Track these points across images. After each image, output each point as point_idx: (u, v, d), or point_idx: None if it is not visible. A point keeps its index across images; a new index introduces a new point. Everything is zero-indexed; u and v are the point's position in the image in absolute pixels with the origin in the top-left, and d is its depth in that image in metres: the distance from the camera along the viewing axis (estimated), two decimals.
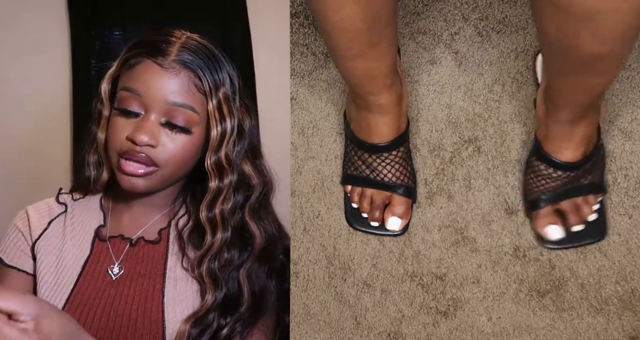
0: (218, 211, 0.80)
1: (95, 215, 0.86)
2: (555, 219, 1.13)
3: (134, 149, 0.77)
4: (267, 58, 1.58)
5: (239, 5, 1.56)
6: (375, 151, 1.14)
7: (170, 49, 0.78)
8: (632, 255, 1.16)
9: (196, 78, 0.78)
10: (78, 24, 1.53)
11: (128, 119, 0.78)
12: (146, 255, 0.82)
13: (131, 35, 1.54)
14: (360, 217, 1.19)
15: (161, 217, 0.85)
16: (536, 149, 1.12)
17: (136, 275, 0.81)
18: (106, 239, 0.84)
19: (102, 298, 0.79)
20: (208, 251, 0.80)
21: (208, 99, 0.79)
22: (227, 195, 0.80)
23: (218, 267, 0.80)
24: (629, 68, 1.23)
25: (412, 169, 1.19)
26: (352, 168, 1.18)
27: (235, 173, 0.81)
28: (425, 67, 1.28)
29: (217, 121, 0.79)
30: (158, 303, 0.79)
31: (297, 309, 1.22)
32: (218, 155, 0.79)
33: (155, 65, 0.77)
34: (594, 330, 1.15)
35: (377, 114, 1.10)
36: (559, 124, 1.06)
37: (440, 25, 1.29)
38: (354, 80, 1.04)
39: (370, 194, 1.17)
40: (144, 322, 0.77)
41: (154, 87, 0.77)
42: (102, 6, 1.54)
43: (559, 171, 1.10)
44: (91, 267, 0.82)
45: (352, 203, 1.19)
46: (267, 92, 1.52)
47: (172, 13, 1.53)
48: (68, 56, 1.52)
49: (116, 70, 0.81)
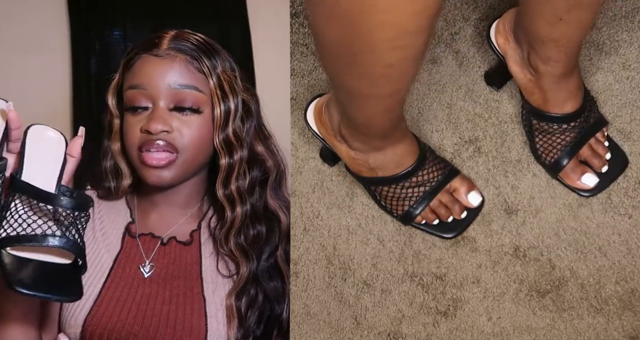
0: (234, 187, 0.81)
1: (122, 212, 0.87)
2: (583, 168, 1.17)
3: (151, 138, 0.78)
4: (267, 58, 1.58)
5: (239, 5, 1.56)
6: (408, 176, 1.15)
7: (163, 41, 0.81)
8: (632, 255, 1.16)
9: (193, 59, 0.80)
10: (78, 24, 1.53)
11: (139, 115, 0.80)
12: (178, 257, 0.83)
13: (131, 35, 1.54)
14: (449, 225, 1.19)
15: (190, 218, 0.86)
16: (538, 114, 1.14)
17: (170, 276, 0.81)
18: (136, 236, 0.85)
19: (135, 295, 0.80)
20: (231, 226, 0.81)
21: (208, 77, 0.81)
22: (239, 171, 0.81)
23: (246, 242, 0.81)
24: (629, 68, 1.23)
25: (438, 157, 1.19)
26: (405, 204, 1.17)
27: (245, 150, 0.82)
28: (425, 66, 1.28)
29: (219, 98, 0.81)
30: (200, 307, 0.79)
31: (297, 309, 1.22)
32: (225, 132, 0.81)
33: (151, 57, 0.80)
34: (594, 330, 1.15)
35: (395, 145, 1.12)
36: (555, 82, 1.08)
37: (440, 25, 1.29)
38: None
39: (437, 201, 1.17)
40: (184, 324, 0.78)
41: (155, 77, 0.79)
42: (102, 6, 1.54)
43: (571, 122, 1.14)
44: (121, 262, 0.83)
45: (434, 223, 1.19)
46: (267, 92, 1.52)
47: (172, 13, 1.53)
48: (68, 56, 1.53)
49: (119, 79, 0.83)
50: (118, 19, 1.55)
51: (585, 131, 1.15)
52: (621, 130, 1.20)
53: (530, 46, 1.07)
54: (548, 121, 1.14)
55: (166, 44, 0.80)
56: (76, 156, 0.73)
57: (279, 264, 0.83)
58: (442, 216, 1.17)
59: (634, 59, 1.23)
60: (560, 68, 1.06)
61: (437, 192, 1.16)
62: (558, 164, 1.17)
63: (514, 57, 1.13)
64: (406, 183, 1.15)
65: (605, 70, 1.24)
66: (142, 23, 1.54)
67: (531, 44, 1.06)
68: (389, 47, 0.77)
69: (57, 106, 1.52)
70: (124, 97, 0.82)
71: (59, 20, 1.52)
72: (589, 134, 1.16)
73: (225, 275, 0.82)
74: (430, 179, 1.15)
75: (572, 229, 1.18)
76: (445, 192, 1.17)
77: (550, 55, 1.04)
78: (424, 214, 1.17)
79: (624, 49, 1.24)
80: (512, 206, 1.20)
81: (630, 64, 1.23)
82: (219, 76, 0.81)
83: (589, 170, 1.17)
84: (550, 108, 1.13)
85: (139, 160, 0.80)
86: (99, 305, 0.79)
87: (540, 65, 1.07)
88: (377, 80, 0.86)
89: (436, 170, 1.16)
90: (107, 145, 0.85)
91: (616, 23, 1.25)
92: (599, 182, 1.17)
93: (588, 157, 1.17)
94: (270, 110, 0.89)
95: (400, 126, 1.08)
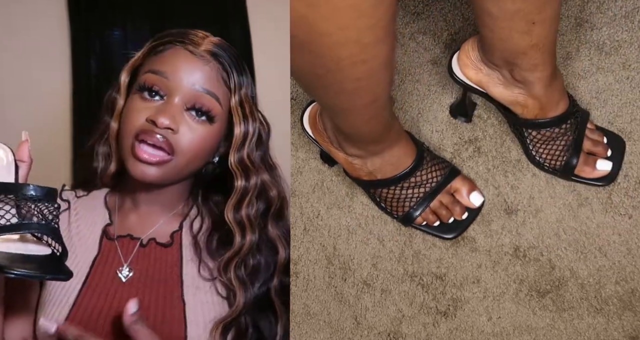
0: (244, 214, 0.78)
1: (100, 213, 0.84)
2: (593, 158, 1.17)
3: (152, 129, 0.75)
4: (267, 58, 1.58)
5: (239, 5, 1.56)
6: (406, 177, 1.15)
7: (201, 41, 0.78)
8: (632, 255, 1.16)
9: (224, 72, 0.78)
10: (78, 24, 1.53)
11: (149, 102, 0.76)
12: (158, 259, 0.80)
13: (131, 36, 1.54)
14: (449, 226, 1.19)
15: (171, 218, 0.83)
16: (537, 125, 1.13)
17: (149, 280, 0.78)
18: (114, 238, 0.81)
19: (113, 301, 0.77)
20: (237, 254, 0.78)
21: (232, 94, 0.79)
22: (251, 198, 0.79)
23: (246, 273, 0.78)
24: (629, 68, 1.23)
25: (437, 156, 1.19)
26: (405, 205, 1.17)
27: (260, 176, 0.80)
28: (425, 67, 1.28)
29: (241, 118, 0.79)
30: (179, 311, 0.76)
31: (297, 309, 1.22)
32: (241, 153, 0.79)
33: (186, 52, 0.77)
34: (594, 330, 1.15)
35: (392, 148, 1.11)
36: (547, 86, 1.08)
37: (440, 25, 1.29)
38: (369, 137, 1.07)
39: (438, 202, 1.17)
40: (163, 330, 0.74)
41: (182, 71, 0.76)
42: (102, 6, 1.54)
43: (568, 120, 1.14)
44: (99, 267, 0.79)
45: (435, 224, 1.19)
46: (267, 92, 1.52)
47: (172, 13, 1.53)
48: (68, 56, 1.53)
49: (138, 60, 0.80)
50: (118, 19, 1.54)
51: (579, 127, 1.15)
52: (621, 130, 1.20)
53: (510, 64, 1.05)
54: (549, 127, 1.14)
55: (204, 45, 0.78)
56: (27, 160, 0.71)
57: (271, 297, 0.79)
58: (443, 217, 1.17)
59: (634, 59, 1.23)
60: (548, 69, 1.05)
61: (437, 193, 1.16)
62: (569, 165, 1.16)
63: (492, 82, 1.11)
64: (405, 184, 1.15)
65: (605, 70, 1.24)
66: (142, 23, 1.54)
67: (511, 61, 1.04)
68: (351, 63, 0.79)
69: (57, 106, 1.52)
70: (139, 78, 0.78)
71: (59, 21, 1.52)
72: (583, 125, 1.16)
73: (207, 278, 0.79)
74: (430, 179, 1.15)
75: (572, 229, 1.18)
76: (446, 193, 1.17)
77: (536, 62, 1.03)
78: (424, 215, 1.17)
79: (624, 49, 1.24)
80: (512, 206, 1.20)
81: (630, 64, 1.23)
82: (242, 97, 0.79)
83: (600, 156, 1.17)
84: (548, 113, 1.12)
85: (130, 149, 0.76)
86: (76, 312, 0.76)
87: (528, 76, 1.06)
88: (352, 95, 0.88)
89: (435, 170, 1.16)
90: (107, 122, 0.81)
91: (616, 23, 1.25)
92: (613, 165, 1.17)
93: (591, 147, 1.17)
94: (270, 110, 0.88)
95: (393, 128, 1.07)
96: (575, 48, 1.25)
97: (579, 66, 1.24)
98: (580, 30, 1.26)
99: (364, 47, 0.77)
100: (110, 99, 0.81)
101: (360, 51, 0.78)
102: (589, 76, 1.23)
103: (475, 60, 1.11)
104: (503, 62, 1.06)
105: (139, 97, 0.77)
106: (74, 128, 1.48)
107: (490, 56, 1.07)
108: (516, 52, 1.01)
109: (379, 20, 0.75)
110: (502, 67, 1.07)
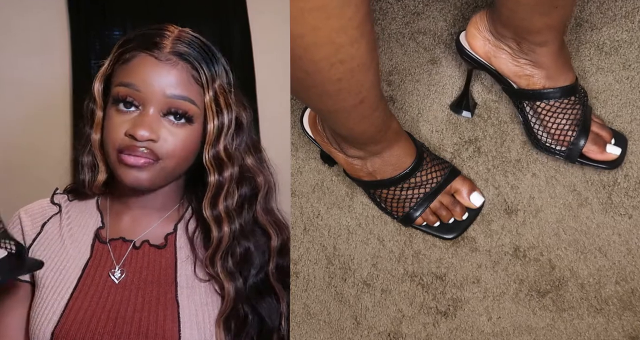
0: (222, 207, 0.78)
1: (92, 216, 0.83)
2: (603, 140, 1.16)
3: (134, 144, 0.74)
4: (267, 58, 1.58)
5: (239, 5, 1.57)
6: (406, 177, 1.14)
7: (165, 42, 0.77)
8: (632, 255, 1.16)
9: (193, 70, 0.77)
10: (78, 24, 1.53)
11: (125, 115, 0.76)
12: (152, 261, 0.80)
13: None
14: (449, 226, 1.19)
15: (165, 221, 0.83)
16: (544, 95, 1.13)
17: (142, 282, 0.78)
18: (106, 241, 0.81)
19: (105, 303, 0.77)
20: (217, 248, 0.77)
21: (205, 90, 0.77)
22: (229, 189, 0.78)
23: (235, 262, 0.78)
24: (629, 68, 1.23)
25: (437, 157, 1.19)
26: (405, 206, 1.17)
27: (236, 166, 0.79)
28: (425, 67, 1.28)
29: (214, 113, 0.78)
30: (173, 312, 0.76)
31: (297, 309, 1.22)
32: (216, 148, 0.78)
33: (151, 58, 0.76)
34: (594, 330, 1.15)
35: (391, 148, 1.11)
36: (556, 57, 1.08)
37: (440, 25, 1.29)
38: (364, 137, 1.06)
39: (438, 203, 1.17)
40: (157, 331, 0.75)
41: (151, 81, 0.75)
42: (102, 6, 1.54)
43: (576, 93, 1.13)
44: (91, 270, 0.79)
45: (435, 224, 1.19)
46: (267, 92, 1.52)
47: (172, 13, 1.53)
48: (68, 56, 1.53)
49: (108, 68, 0.79)
50: (118, 19, 1.55)
51: (584, 106, 1.15)
52: (621, 130, 1.20)
53: (520, 37, 1.07)
54: (557, 97, 1.13)
55: (169, 46, 0.76)
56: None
57: (270, 282, 0.79)
58: (443, 217, 1.17)
59: (634, 59, 1.23)
60: (557, 44, 1.06)
61: (437, 194, 1.16)
62: (577, 144, 1.15)
63: (499, 52, 1.12)
64: (405, 184, 1.15)
65: (605, 70, 1.24)
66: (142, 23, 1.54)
67: (522, 36, 1.06)
68: (329, 64, 0.80)
69: (57, 106, 1.52)
70: (112, 90, 0.77)
71: (59, 21, 1.52)
72: (587, 105, 1.16)
73: (202, 280, 0.78)
74: (430, 180, 1.15)
75: (572, 229, 1.18)
76: (446, 194, 1.17)
77: (547, 39, 1.05)
78: (424, 215, 1.17)
79: (624, 49, 1.24)
80: (512, 206, 1.20)
81: (630, 64, 1.23)
82: (216, 90, 0.78)
83: (608, 141, 1.17)
84: (556, 82, 1.12)
85: (117, 160, 0.76)
86: (67, 316, 0.76)
87: (536, 49, 1.07)
88: (336, 96, 0.88)
89: (435, 170, 1.16)
90: (88, 133, 0.80)
91: (616, 23, 1.25)
92: (622, 150, 1.17)
93: (598, 129, 1.16)
94: (270, 111, 0.88)
95: (390, 128, 1.07)
96: (575, 48, 1.25)
97: (579, 66, 1.24)
98: (580, 30, 1.26)
99: (339, 47, 0.78)
100: (89, 110, 0.80)
101: (335, 52, 0.79)
102: (589, 76, 1.23)
103: (483, 30, 1.13)
104: (513, 35, 1.08)
105: (115, 110, 0.76)
106: (74, 128, 1.48)
107: (501, 29, 1.09)
108: (530, 30, 1.03)
109: (349, 20, 0.75)
110: (511, 39, 1.09)
